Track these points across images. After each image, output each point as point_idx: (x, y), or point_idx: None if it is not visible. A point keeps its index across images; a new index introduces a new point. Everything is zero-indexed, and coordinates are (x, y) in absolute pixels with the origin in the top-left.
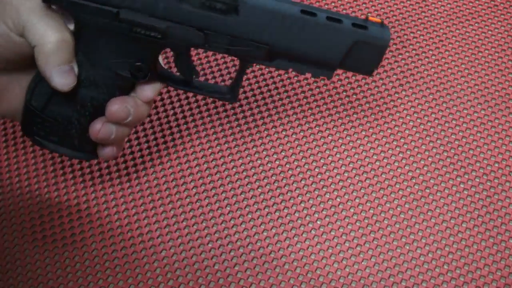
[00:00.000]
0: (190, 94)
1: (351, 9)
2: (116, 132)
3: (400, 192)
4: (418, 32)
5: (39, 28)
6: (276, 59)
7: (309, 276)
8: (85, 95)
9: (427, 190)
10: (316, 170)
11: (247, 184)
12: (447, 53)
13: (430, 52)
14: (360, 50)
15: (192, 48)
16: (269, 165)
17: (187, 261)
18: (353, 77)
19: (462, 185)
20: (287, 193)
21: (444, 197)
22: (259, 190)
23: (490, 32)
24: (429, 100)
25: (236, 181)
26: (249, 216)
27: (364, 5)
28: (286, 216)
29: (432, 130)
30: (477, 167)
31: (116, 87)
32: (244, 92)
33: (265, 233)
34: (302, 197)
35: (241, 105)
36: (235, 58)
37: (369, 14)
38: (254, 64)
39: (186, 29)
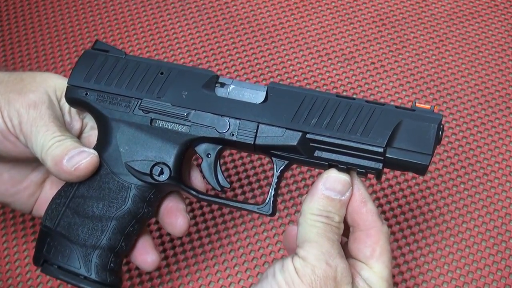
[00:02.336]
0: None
1: (351, 9)
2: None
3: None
4: (418, 32)
5: (39, 140)
6: (314, 150)
7: None
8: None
9: (428, 190)
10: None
11: (247, 184)
12: (447, 53)
13: (430, 52)
14: (406, 132)
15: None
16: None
17: (188, 261)
18: (353, 77)
19: (462, 185)
20: (287, 193)
21: (444, 197)
22: (259, 190)
23: (490, 32)
24: (429, 100)
25: (237, 181)
26: (249, 216)
27: (364, 5)
28: (286, 216)
29: None
30: (477, 167)
31: (140, 201)
32: None
33: (265, 233)
34: (302, 197)
35: None
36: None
37: (416, 100)
38: (296, 167)
39: (211, 116)
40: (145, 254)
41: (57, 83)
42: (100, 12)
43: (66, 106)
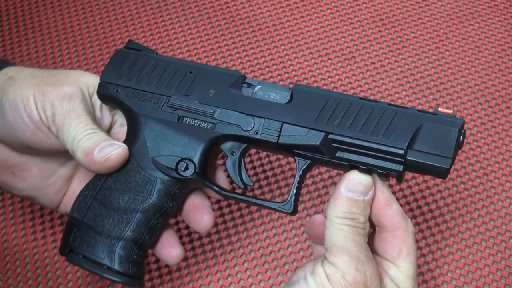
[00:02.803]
0: None
1: (351, 9)
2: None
3: None
4: (418, 32)
5: (71, 132)
6: (336, 151)
7: None
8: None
9: (428, 190)
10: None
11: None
12: (447, 53)
13: (430, 52)
14: (428, 136)
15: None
16: (269, 165)
17: (188, 261)
18: (353, 77)
19: (462, 185)
20: (287, 193)
21: (444, 197)
22: (259, 190)
23: (490, 32)
24: (429, 100)
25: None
26: (249, 216)
27: (364, 5)
28: (286, 216)
29: None
30: (477, 167)
31: (165, 196)
32: None
33: (265, 233)
34: (302, 197)
35: None
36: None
37: (438, 105)
38: (314, 168)
39: (236, 115)
40: (170, 248)
41: (90, 80)
42: (100, 12)
43: (97, 102)
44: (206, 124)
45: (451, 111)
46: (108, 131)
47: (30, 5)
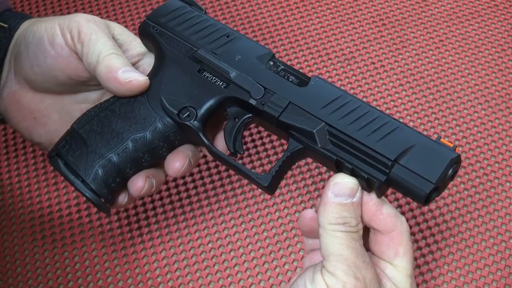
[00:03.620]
0: None
1: (351, 9)
2: (155, 186)
3: None
4: (418, 32)
5: (98, 47)
6: (329, 144)
7: None
8: (128, 131)
9: None
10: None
11: (247, 184)
12: (447, 53)
13: (430, 52)
14: (418, 156)
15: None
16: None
17: (188, 261)
18: (353, 77)
19: (462, 185)
20: (287, 193)
21: (444, 197)
22: (259, 190)
23: (490, 32)
24: (429, 100)
25: (236, 181)
26: (249, 216)
27: (364, 5)
28: (286, 216)
29: (432, 130)
30: (477, 167)
31: (158, 134)
32: None
33: (265, 233)
34: (302, 197)
35: None
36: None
37: (441, 136)
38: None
39: (251, 82)
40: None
41: (114, 24)
42: (101, 12)
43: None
44: (221, 83)
45: (451, 144)
46: None
47: (30, 5)
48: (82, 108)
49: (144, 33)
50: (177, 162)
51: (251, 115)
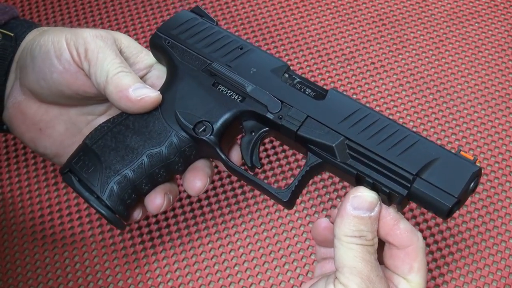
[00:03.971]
0: None
1: (351, 9)
2: (172, 202)
3: None
4: (418, 32)
5: (106, 66)
6: (349, 158)
7: (309, 276)
8: (143, 147)
9: None
10: None
11: (247, 184)
12: (447, 53)
13: (430, 52)
14: (440, 170)
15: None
16: (269, 165)
17: (188, 261)
18: (353, 77)
19: None
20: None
21: None
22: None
23: (490, 32)
24: (429, 100)
25: (237, 181)
26: (249, 216)
27: (364, 5)
28: (286, 216)
29: (432, 130)
30: None
31: (174, 149)
32: None
33: (265, 233)
34: (302, 197)
35: None
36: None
37: (461, 148)
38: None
39: (268, 96)
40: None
41: (121, 37)
42: (101, 12)
43: (127, 58)
44: (237, 96)
45: (472, 157)
46: None
47: (30, 5)
48: (88, 120)
49: (155, 46)
50: (198, 182)
51: (267, 128)
